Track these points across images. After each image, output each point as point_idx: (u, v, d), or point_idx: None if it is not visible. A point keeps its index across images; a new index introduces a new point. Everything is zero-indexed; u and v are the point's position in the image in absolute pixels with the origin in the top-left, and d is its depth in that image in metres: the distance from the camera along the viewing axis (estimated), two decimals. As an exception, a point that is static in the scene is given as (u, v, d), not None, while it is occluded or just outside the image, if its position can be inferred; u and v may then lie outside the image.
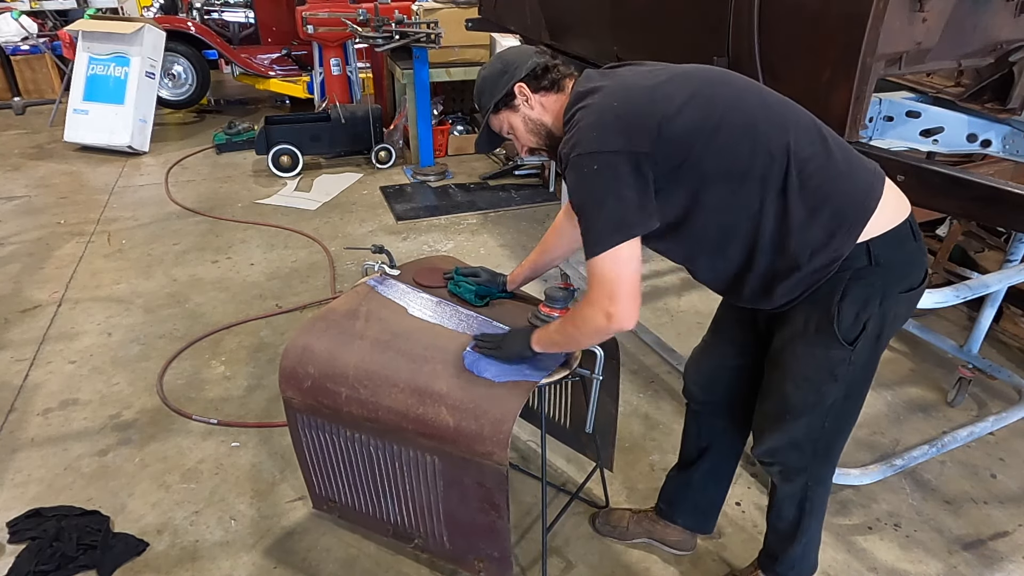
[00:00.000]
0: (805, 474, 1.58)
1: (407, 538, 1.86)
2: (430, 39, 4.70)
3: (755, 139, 1.30)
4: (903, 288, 1.37)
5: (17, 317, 3.18)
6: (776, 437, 1.55)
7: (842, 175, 1.33)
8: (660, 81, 1.34)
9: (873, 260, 1.32)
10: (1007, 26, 1.84)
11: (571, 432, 2.18)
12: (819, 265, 1.33)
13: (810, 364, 1.42)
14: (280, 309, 3.25)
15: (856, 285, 1.34)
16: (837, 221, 1.31)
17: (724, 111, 1.31)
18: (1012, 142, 1.97)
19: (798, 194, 1.30)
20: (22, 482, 2.24)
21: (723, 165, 1.31)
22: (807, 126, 1.34)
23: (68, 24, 6.35)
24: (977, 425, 2.32)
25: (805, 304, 1.39)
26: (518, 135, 1.55)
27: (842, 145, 1.37)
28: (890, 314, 1.38)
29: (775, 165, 1.29)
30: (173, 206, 4.46)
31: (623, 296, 1.31)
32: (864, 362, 1.42)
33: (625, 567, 1.98)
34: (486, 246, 3.97)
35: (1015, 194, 1.48)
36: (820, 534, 1.74)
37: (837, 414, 1.48)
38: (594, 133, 1.29)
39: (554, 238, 1.86)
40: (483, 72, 1.55)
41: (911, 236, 1.36)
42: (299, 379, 1.73)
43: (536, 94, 1.49)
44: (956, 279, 3.10)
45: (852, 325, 1.36)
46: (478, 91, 1.56)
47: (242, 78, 6.56)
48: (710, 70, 1.41)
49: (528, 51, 1.53)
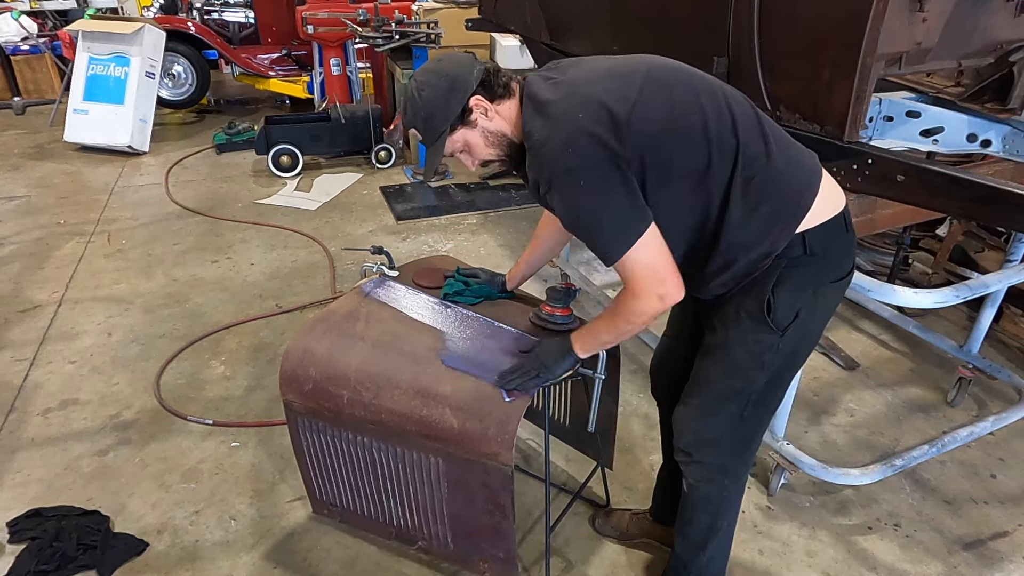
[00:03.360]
0: (722, 472, 1.58)
1: (410, 540, 1.85)
2: (430, 39, 4.70)
3: (710, 139, 1.31)
4: (833, 278, 1.41)
5: (17, 317, 3.18)
6: (698, 428, 1.54)
7: (781, 175, 1.34)
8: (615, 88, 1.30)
9: (808, 250, 1.35)
10: (1007, 26, 1.84)
11: (571, 431, 2.18)
12: (752, 259, 1.35)
13: (740, 350, 1.44)
14: (280, 309, 3.25)
15: (792, 274, 1.36)
16: (775, 219, 1.33)
17: (681, 112, 1.30)
18: (1012, 142, 1.97)
19: (740, 192, 1.31)
20: (22, 482, 2.24)
21: (676, 164, 1.31)
22: (752, 125, 1.34)
23: (68, 24, 6.35)
24: (977, 425, 2.32)
25: (738, 292, 1.41)
26: (474, 151, 1.45)
27: (781, 141, 1.38)
28: (820, 303, 1.41)
29: (725, 164, 1.31)
30: (173, 206, 4.46)
31: (666, 276, 1.32)
32: (790, 351, 1.44)
33: (625, 567, 1.98)
34: (486, 246, 3.97)
35: (1015, 194, 1.48)
36: (730, 538, 1.74)
37: (757, 402, 1.49)
38: (569, 151, 1.26)
39: (545, 230, 1.84)
40: (423, 93, 1.38)
41: (844, 227, 1.40)
42: (300, 382, 1.72)
43: (493, 103, 1.40)
44: (956, 279, 3.10)
45: (786, 312, 1.38)
46: (424, 115, 1.39)
47: (242, 78, 6.56)
48: (655, 66, 1.37)
49: (467, 59, 1.42)
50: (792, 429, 2.45)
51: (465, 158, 1.48)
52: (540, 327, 1.73)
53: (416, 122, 1.42)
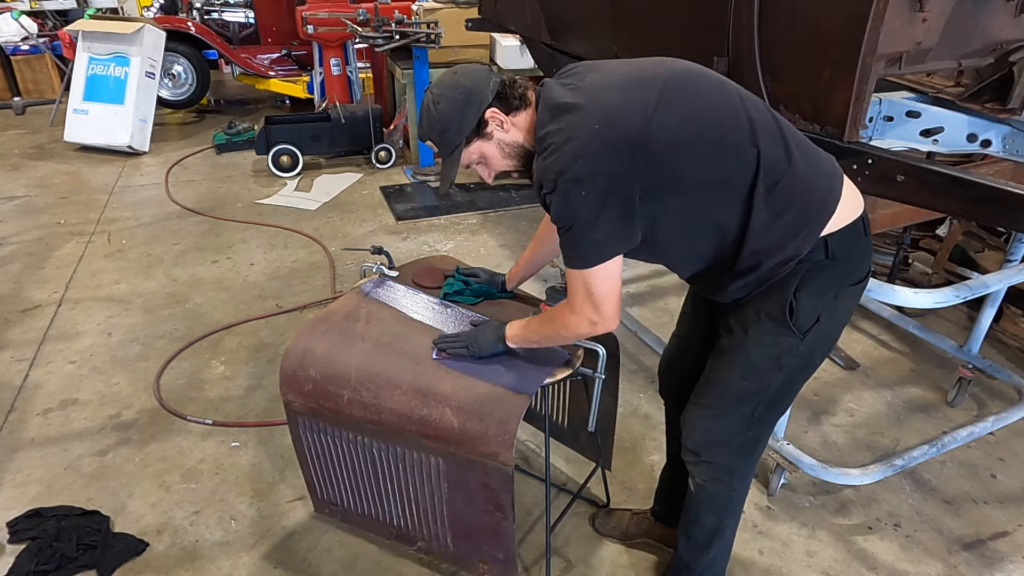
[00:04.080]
0: (729, 472, 1.59)
1: (410, 541, 1.86)
2: (430, 39, 4.70)
3: (727, 148, 1.30)
4: (853, 281, 1.42)
5: (17, 317, 3.18)
6: (707, 429, 1.55)
7: (803, 180, 1.34)
8: (634, 97, 1.29)
9: (830, 254, 1.35)
10: (1007, 26, 1.84)
11: (569, 432, 2.18)
12: (775, 264, 1.35)
13: (758, 352, 1.44)
14: (280, 309, 3.25)
15: (814, 277, 1.36)
16: (799, 224, 1.33)
17: (698, 121, 1.30)
18: (1012, 142, 1.97)
19: (763, 199, 1.31)
20: (22, 482, 2.24)
21: (698, 175, 1.31)
22: (772, 130, 1.34)
23: (68, 24, 6.35)
24: (977, 425, 2.32)
25: (758, 295, 1.41)
26: (491, 163, 1.45)
27: (802, 146, 1.37)
28: (840, 307, 1.43)
29: (746, 173, 1.30)
30: (173, 206, 4.46)
31: (607, 306, 1.35)
32: (809, 353, 1.45)
33: (625, 567, 1.98)
34: (486, 246, 3.97)
35: (1015, 194, 1.47)
36: (732, 539, 1.75)
37: (769, 404, 1.50)
38: (581, 160, 1.25)
39: (547, 231, 1.83)
40: (439, 106, 1.39)
41: (863, 231, 1.40)
42: (300, 382, 1.72)
43: (509, 116, 1.40)
44: (956, 279, 3.10)
45: (808, 316, 1.38)
46: (440, 128, 1.40)
47: (242, 78, 6.56)
48: (674, 72, 1.35)
49: (483, 72, 1.42)
50: (792, 429, 2.45)
51: (482, 170, 1.48)
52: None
53: (432, 135, 1.42)
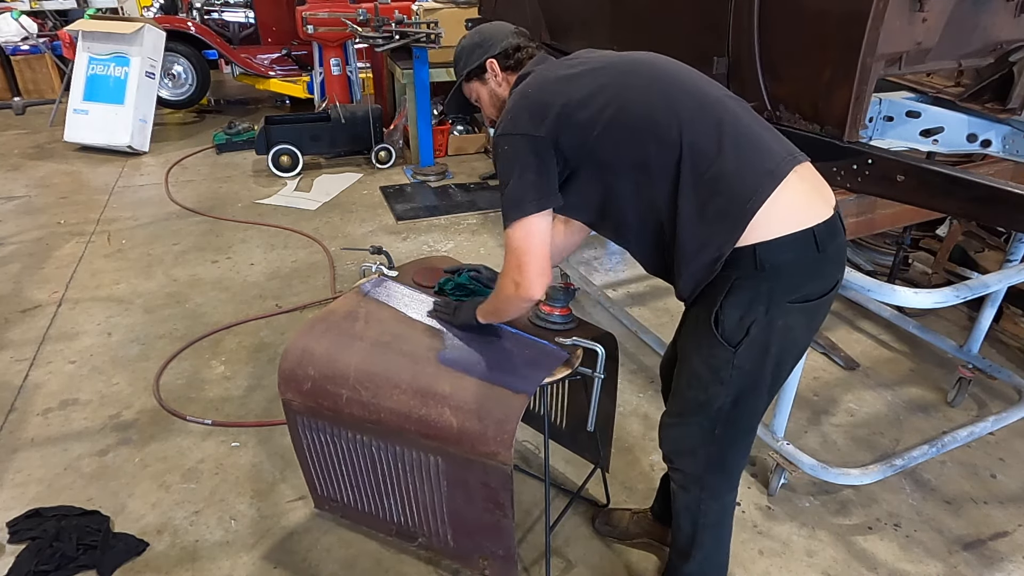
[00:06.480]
0: (699, 485, 1.57)
1: (410, 537, 1.86)
2: (430, 39, 4.69)
3: (651, 132, 1.33)
4: (794, 298, 1.33)
5: (17, 317, 3.18)
6: (674, 437, 1.56)
7: (730, 173, 1.30)
8: (580, 71, 1.42)
9: (759, 265, 1.29)
10: (1007, 26, 1.84)
11: (568, 434, 2.18)
12: (705, 261, 1.33)
13: (698, 361, 1.44)
14: (280, 309, 3.25)
15: (740, 287, 1.32)
16: (721, 217, 1.30)
17: (625, 103, 1.35)
18: (1012, 142, 1.97)
19: (691, 188, 1.31)
20: (22, 482, 2.24)
21: (620, 156, 1.36)
22: (708, 120, 1.33)
23: (68, 24, 6.35)
24: (977, 425, 2.32)
25: (699, 301, 1.41)
26: (484, 106, 1.67)
27: (740, 143, 1.33)
28: (778, 323, 1.34)
29: (669, 158, 1.31)
30: (173, 206, 4.46)
31: (529, 266, 1.39)
32: (751, 369, 1.39)
33: (625, 567, 1.98)
34: (486, 246, 3.97)
35: (1015, 194, 1.47)
36: (721, 555, 1.72)
37: (727, 421, 1.46)
38: (509, 116, 1.41)
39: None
40: (463, 41, 1.65)
41: (812, 246, 1.31)
42: (299, 381, 1.72)
43: (504, 72, 1.59)
44: (956, 279, 3.10)
45: (735, 327, 1.34)
46: (456, 57, 1.66)
47: (242, 78, 6.56)
48: (638, 61, 1.45)
49: (506, 29, 1.61)
50: (792, 429, 2.45)
51: (482, 109, 1.69)
52: (538, 326, 1.73)
53: (454, 59, 1.68)
